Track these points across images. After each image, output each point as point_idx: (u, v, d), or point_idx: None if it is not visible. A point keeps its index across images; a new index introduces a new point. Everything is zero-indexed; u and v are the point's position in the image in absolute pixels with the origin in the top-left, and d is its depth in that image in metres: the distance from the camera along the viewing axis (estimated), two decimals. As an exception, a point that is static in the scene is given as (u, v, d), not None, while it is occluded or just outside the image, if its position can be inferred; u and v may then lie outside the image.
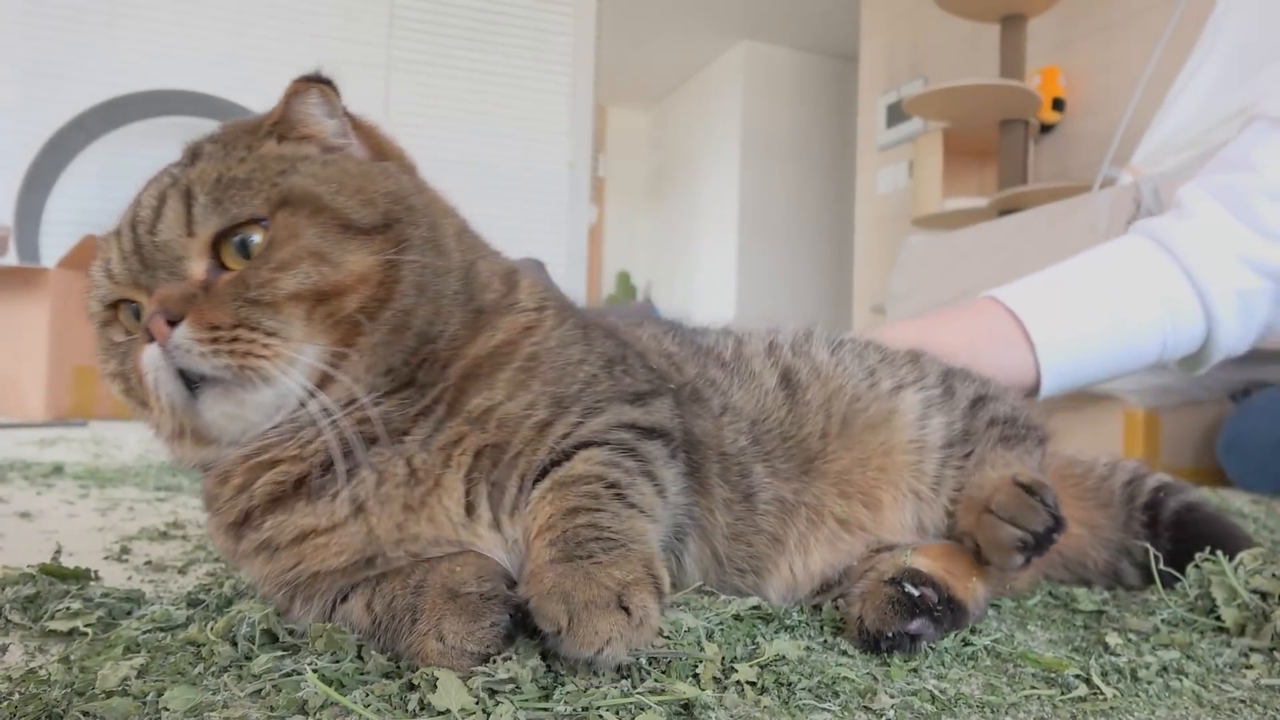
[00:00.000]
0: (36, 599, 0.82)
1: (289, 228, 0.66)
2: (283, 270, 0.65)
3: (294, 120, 0.72)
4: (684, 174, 8.53)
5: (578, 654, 0.60)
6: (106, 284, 0.69)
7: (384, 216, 0.70)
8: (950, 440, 0.92)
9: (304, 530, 0.67)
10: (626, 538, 0.64)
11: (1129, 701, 0.67)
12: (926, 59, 5.37)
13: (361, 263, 0.67)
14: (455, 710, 0.57)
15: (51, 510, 1.43)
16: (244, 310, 0.64)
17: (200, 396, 0.65)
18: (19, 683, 0.62)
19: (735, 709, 0.61)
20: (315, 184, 0.68)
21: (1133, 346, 1.36)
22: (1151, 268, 1.36)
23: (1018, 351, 1.31)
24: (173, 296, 0.64)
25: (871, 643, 0.75)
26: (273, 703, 0.59)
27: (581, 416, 0.73)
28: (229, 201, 0.65)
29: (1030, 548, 0.80)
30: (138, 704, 0.58)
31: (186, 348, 0.63)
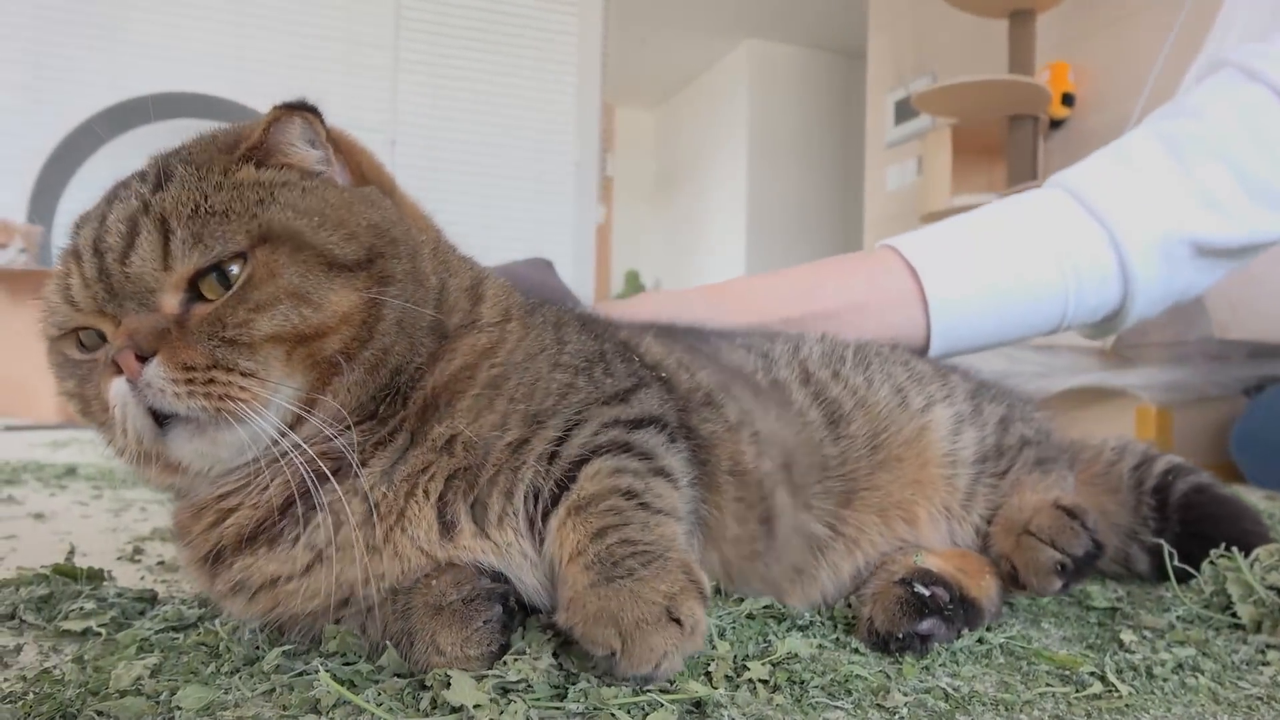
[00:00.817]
0: (50, 599, 0.83)
1: (268, 266, 0.63)
2: (260, 311, 0.62)
3: (273, 147, 0.68)
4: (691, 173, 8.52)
5: (635, 673, 0.60)
6: (65, 310, 0.65)
7: (367, 251, 0.67)
8: (983, 455, 0.91)
9: (272, 576, 0.66)
10: (661, 547, 0.63)
11: (1144, 699, 0.67)
12: (934, 55, 5.35)
13: (344, 302, 0.65)
14: (469, 705, 0.57)
15: (65, 511, 1.44)
16: (220, 350, 0.61)
17: (170, 432, 0.62)
18: (34, 682, 0.62)
19: (747, 707, 0.61)
20: (295, 217, 0.65)
21: (1033, 308, 1.26)
22: (1063, 224, 1.25)
23: (909, 310, 1.23)
24: (143, 330, 0.61)
25: (881, 643, 0.74)
26: (285, 701, 0.60)
27: (563, 430, 0.70)
28: (209, 238, 0.62)
29: (1069, 572, 0.80)
30: (151, 703, 0.58)
31: (159, 387, 0.60)
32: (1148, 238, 1.22)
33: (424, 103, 5.21)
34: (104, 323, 0.64)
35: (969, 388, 0.98)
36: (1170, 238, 1.22)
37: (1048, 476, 0.92)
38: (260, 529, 0.66)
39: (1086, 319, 1.30)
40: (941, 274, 1.23)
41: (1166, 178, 1.24)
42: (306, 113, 0.69)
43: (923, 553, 0.85)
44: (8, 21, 4.51)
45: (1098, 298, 1.26)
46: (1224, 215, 1.22)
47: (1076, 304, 1.25)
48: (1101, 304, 1.27)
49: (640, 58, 7.93)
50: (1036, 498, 0.88)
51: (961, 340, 1.25)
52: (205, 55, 4.79)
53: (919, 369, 0.98)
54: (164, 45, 4.74)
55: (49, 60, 4.56)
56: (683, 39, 7.64)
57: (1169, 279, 1.26)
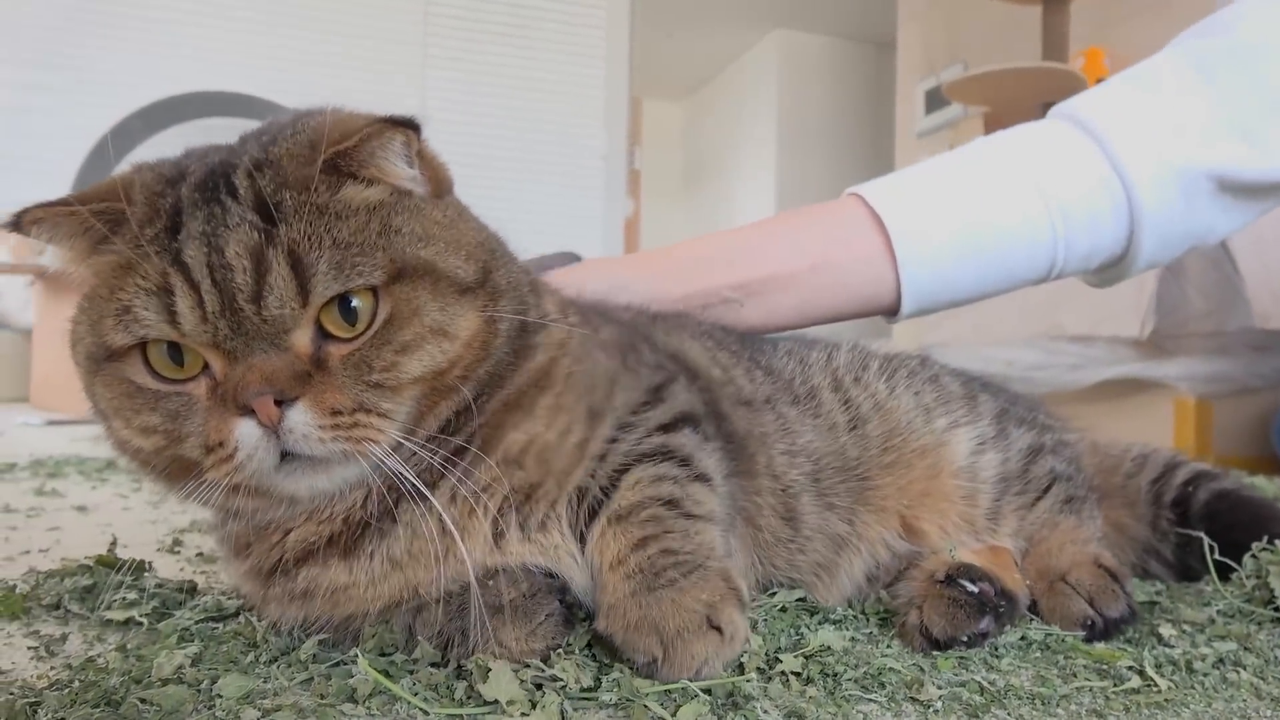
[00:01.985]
0: (94, 589, 0.85)
1: (410, 303, 0.61)
2: (407, 353, 0.60)
3: (365, 159, 0.62)
4: (720, 165, 8.48)
5: (676, 679, 0.61)
6: (159, 325, 0.58)
7: (481, 269, 0.65)
8: (1005, 476, 0.90)
9: (340, 586, 0.66)
10: (701, 555, 0.64)
11: (1184, 694, 0.66)
12: (965, 43, 5.28)
13: (470, 326, 0.63)
14: (504, 701, 0.57)
15: (106, 504, 1.47)
16: (366, 394, 0.59)
17: (285, 469, 0.59)
18: (79, 670, 0.64)
19: (780, 699, 0.61)
20: (424, 247, 0.62)
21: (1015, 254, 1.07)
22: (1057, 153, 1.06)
23: (875, 268, 1.05)
24: (283, 374, 0.57)
25: (938, 647, 0.73)
26: (323, 690, 0.60)
27: (615, 430, 0.71)
28: (350, 270, 0.59)
29: (1096, 630, 0.78)
30: (192, 691, 0.60)
31: (304, 433, 0.57)
32: (1161, 167, 1.03)
33: (452, 98, 5.24)
34: (214, 355, 0.59)
35: (996, 408, 0.95)
36: (1189, 168, 1.02)
37: (1079, 517, 0.91)
38: (333, 541, 0.65)
39: (1082, 264, 1.10)
40: (910, 222, 1.05)
41: (1187, 99, 1.04)
42: (408, 130, 0.63)
43: (956, 548, 0.84)
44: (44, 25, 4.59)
45: (1093, 238, 1.06)
46: (1256, 145, 1.02)
47: (1068, 248, 1.06)
48: (1100, 245, 1.07)
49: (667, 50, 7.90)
50: (1075, 549, 0.86)
51: (936, 297, 1.09)
52: (237, 54, 4.84)
53: (948, 389, 0.95)
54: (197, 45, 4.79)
55: (84, 63, 4.63)
56: (710, 30, 7.60)
57: (1186, 217, 1.05)
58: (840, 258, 1.05)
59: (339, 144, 0.60)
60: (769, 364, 0.93)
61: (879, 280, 1.06)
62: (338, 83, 4.81)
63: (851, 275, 1.06)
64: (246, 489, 0.61)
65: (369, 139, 0.61)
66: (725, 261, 1.06)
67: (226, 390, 0.58)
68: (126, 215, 0.60)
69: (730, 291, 1.05)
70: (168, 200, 0.60)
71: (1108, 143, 1.03)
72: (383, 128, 0.61)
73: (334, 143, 0.60)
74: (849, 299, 1.07)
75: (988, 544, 0.88)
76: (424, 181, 0.67)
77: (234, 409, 0.57)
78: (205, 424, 0.59)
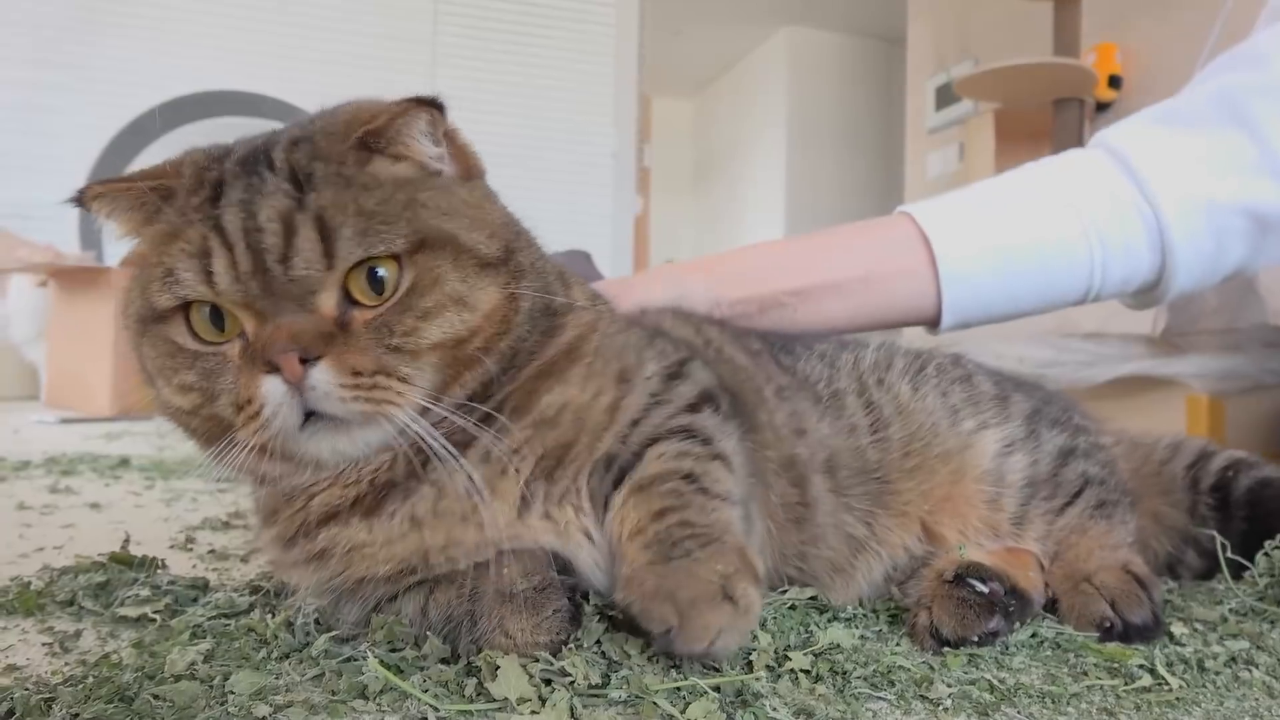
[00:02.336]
0: (107, 586, 0.85)
1: (432, 272, 0.64)
2: (428, 319, 0.64)
3: (394, 137, 0.67)
4: (729, 162, 8.47)
5: (691, 649, 0.61)
6: (198, 286, 0.62)
7: (504, 247, 0.69)
8: (1032, 480, 0.88)
9: (358, 544, 0.67)
10: (717, 530, 0.65)
11: (1195, 692, 0.65)
12: (976, 39, 5.25)
13: (490, 300, 0.67)
14: (513, 699, 0.58)
15: (119, 501, 1.48)
16: (386, 357, 0.62)
17: (311, 430, 0.62)
18: (93, 666, 0.65)
19: (789, 696, 0.61)
20: (448, 221, 0.66)
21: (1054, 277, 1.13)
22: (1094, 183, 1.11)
23: (919, 283, 1.12)
24: (308, 333, 0.61)
25: (948, 646, 0.73)
26: (333, 687, 0.61)
27: (648, 400, 0.73)
28: (374, 237, 0.62)
29: (1114, 633, 0.77)
30: (205, 687, 0.60)
31: (325, 390, 0.60)
32: (1190, 204, 1.07)
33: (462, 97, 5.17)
34: (246, 315, 0.63)
35: (1028, 409, 0.94)
36: (1219, 205, 1.06)
37: (1111, 522, 0.89)
38: (354, 504, 0.67)
39: (1117, 289, 1.15)
40: (955, 241, 1.11)
41: (1219, 135, 1.08)
42: (433, 109, 0.68)
43: (966, 547, 0.84)
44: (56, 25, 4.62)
45: (1128, 267, 1.11)
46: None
47: (1104, 274, 1.11)
48: (1135, 273, 1.13)
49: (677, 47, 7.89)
50: (1104, 554, 0.85)
51: (975, 313, 1.15)
52: (249, 53, 4.86)
53: (979, 389, 0.94)
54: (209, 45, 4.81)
55: (97, 62, 4.66)
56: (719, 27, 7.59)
57: (1218, 253, 1.10)
58: (888, 270, 1.12)
59: (369, 123, 0.65)
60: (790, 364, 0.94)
61: (923, 294, 1.12)
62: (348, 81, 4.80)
63: (898, 287, 1.12)
64: (273, 451, 0.64)
65: (396, 117, 0.66)
66: (781, 268, 1.13)
67: (255, 349, 0.62)
68: (174, 189, 0.65)
69: (786, 297, 1.11)
70: (212, 174, 0.65)
71: (1144, 181, 1.07)
72: (408, 106, 0.66)
73: (364, 122, 0.66)
74: (895, 309, 1.14)
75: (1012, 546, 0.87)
76: (451, 162, 0.71)
77: (261, 366, 0.61)
78: (235, 381, 0.63)
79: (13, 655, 0.70)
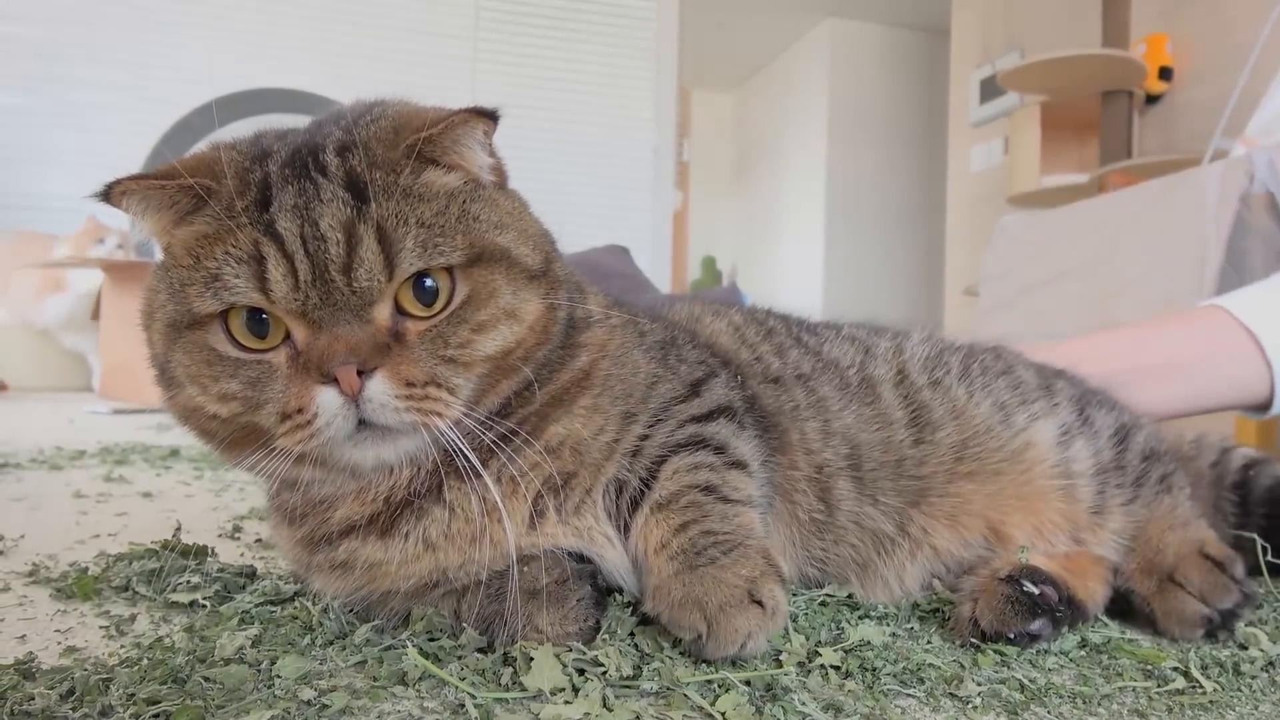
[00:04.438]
0: (160, 573, 0.88)
1: (488, 285, 0.65)
2: (483, 333, 0.64)
3: (449, 146, 0.65)
4: (769, 156, 8.42)
5: (722, 654, 0.63)
6: (249, 292, 0.60)
7: (545, 259, 0.70)
8: (1102, 466, 0.88)
9: (376, 562, 0.69)
10: (740, 535, 0.67)
11: (1230, 696, 0.65)
12: (1022, 30, 5.16)
13: (535, 311, 0.67)
14: (547, 689, 0.59)
15: (170, 491, 1.53)
16: (439, 368, 0.63)
17: (358, 439, 0.62)
18: (147, 649, 0.67)
19: (819, 691, 0.62)
20: (500, 234, 0.66)
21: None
22: None
23: (1249, 364, 1.22)
24: (365, 345, 0.60)
25: (984, 639, 0.73)
26: (375, 673, 0.63)
27: (648, 428, 0.73)
28: (434, 250, 0.62)
29: (1215, 625, 0.77)
30: (253, 671, 0.62)
31: (382, 402, 0.60)
32: None
33: (502, 92, 5.28)
34: (298, 324, 0.61)
35: (1075, 394, 0.94)
36: None
37: (1174, 495, 0.89)
38: (373, 520, 0.68)
39: None
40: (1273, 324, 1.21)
41: None
42: (489, 120, 0.66)
43: (1028, 550, 0.83)
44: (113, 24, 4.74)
45: None
46: None
47: None
48: None
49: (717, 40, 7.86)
50: (1177, 537, 0.84)
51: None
52: (294, 51, 4.95)
53: (1023, 379, 0.94)
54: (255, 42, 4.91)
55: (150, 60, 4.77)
56: (761, 20, 7.54)
57: None
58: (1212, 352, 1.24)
59: (425, 130, 0.63)
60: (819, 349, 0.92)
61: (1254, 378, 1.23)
62: (391, 78, 4.88)
63: (1225, 368, 1.23)
64: (312, 459, 0.64)
65: (455, 126, 0.64)
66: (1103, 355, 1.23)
67: (310, 358, 0.60)
68: (212, 189, 0.62)
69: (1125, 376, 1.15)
70: (257, 175, 0.63)
71: None
72: (468, 116, 0.65)
73: (418, 129, 0.63)
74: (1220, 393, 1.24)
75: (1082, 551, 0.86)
76: (492, 172, 0.70)
77: (317, 376, 0.60)
78: (286, 391, 0.61)
79: (72, 637, 0.73)
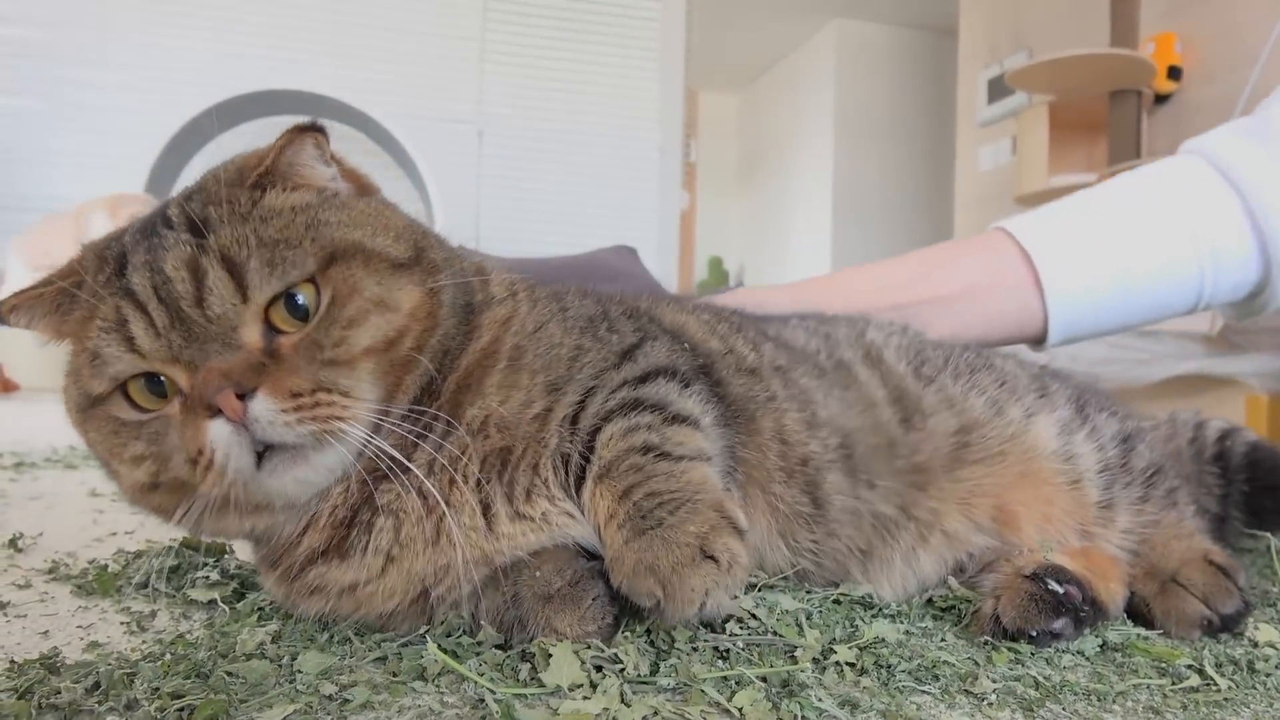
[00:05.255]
0: (179, 570, 0.89)
1: (348, 281, 0.65)
2: (354, 327, 0.64)
3: (286, 170, 0.68)
4: (776, 157, 8.43)
5: (683, 616, 0.62)
6: (127, 359, 0.62)
7: (413, 247, 0.70)
8: (1107, 465, 0.88)
9: (349, 584, 0.68)
10: (688, 492, 0.65)
11: (1245, 693, 0.65)
12: (1030, 29, 5.16)
13: (412, 298, 0.68)
14: (565, 685, 0.60)
15: (184, 489, 1.54)
16: (323, 373, 0.63)
17: (269, 466, 0.62)
18: (169, 645, 0.68)
19: (834, 688, 0.62)
20: (351, 230, 0.67)
21: (1165, 293, 1.15)
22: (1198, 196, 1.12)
23: (1023, 297, 1.14)
24: (238, 369, 0.61)
25: (1005, 636, 0.73)
26: (394, 669, 0.64)
27: (580, 395, 0.72)
28: (283, 264, 0.63)
29: (1214, 628, 0.78)
30: (274, 666, 0.63)
31: (269, 419, 0.60)
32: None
33: (509, 93, 5.29)
34: (176, 370, 0.62)
35: (1069, 393, 0.94)
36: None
37: (1179, 509, 0.89)
38: (329, 546, 0.68)
39: (1225, 298, 1.19)
40: (1059, 259, 1.14)
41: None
42: (316, 133, 0.69)
43: (1053, 548, 0.83)
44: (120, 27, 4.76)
45: (1236, 278, 1.14)
46: None
47: (1214, 285, 1.14)
48: (1242, 283, 1.16)
49: (724, 41, 7.87)
50: (1182, 545, 0.85)
51: (1083, 328, 1.18)
52: (302, 52, 4.96)
53: (1009, 373, 0.94)
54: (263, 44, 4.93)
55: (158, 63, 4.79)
56: (768, 21, 7.55)
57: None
58: (992, 288, 1.15)
59: (261, 163, 0.67)
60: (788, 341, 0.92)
61: (1028, 310, 1.15)
62: (398, 79, 4.90)
63: (1002, 304, 1.15)
64: (238, 501, 0.64)
65: (284, 149, 0.68)
66: (882, 289, 1.16)
67: (194, 399, 0.61)
68: (83, 282, 0.65)
69: (890, 312, 1.12)
70: (113, 250, 0.66)
71: (1247, 194, 1.09)
72: (293, 135, 0.68)
73: (254, 166, 0.67)
74: (998, 326, 1.15)
75: (1095, 547, 0.86)
76: (344, 182, 0.73)
77: (203, 413, 0.61)
78: (182, 435, 0.62)
79: (94, 633, 0.74)
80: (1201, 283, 1.13)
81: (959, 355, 0.96)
